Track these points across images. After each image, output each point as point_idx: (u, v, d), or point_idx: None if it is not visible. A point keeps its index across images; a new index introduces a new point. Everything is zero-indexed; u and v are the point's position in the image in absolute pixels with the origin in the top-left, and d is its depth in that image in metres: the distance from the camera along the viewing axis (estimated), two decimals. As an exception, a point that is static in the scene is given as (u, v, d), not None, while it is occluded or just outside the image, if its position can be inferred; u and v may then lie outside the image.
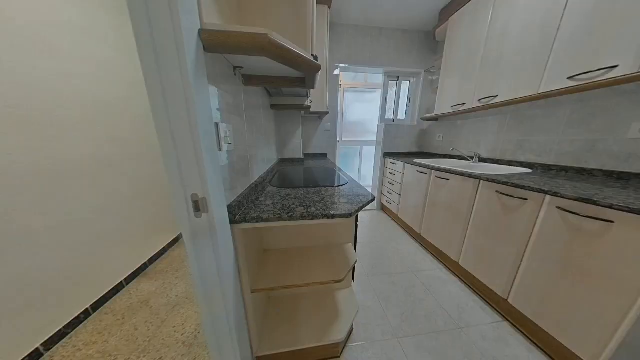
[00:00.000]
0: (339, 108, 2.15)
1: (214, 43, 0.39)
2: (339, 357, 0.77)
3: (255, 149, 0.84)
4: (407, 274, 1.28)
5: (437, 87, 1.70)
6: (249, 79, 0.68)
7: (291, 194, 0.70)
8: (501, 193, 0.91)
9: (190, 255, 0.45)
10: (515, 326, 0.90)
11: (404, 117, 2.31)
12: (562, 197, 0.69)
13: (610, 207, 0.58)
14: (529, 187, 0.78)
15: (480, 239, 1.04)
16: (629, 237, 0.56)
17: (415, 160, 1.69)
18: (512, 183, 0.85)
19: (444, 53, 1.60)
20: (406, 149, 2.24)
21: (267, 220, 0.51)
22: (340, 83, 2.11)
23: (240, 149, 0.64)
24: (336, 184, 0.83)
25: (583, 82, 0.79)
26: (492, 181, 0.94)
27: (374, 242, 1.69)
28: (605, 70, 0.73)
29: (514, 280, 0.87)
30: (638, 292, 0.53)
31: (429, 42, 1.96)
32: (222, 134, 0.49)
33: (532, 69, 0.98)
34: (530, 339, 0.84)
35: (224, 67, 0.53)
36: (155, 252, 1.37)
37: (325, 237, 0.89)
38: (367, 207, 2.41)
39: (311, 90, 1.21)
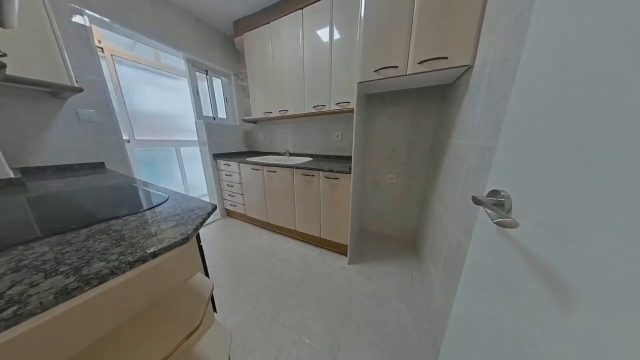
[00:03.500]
0: (111, 87, 1.33)
1: None
2: (223, 410, 0.62)
3: None
4: (267, 261, 1.41)
5: (249, 93, 1.93)
6: None
7: (-1, 266, 0.30)
8: (304, 174, 1.42)
9: None
10: (326, 248, 1.55)
11: (225, 117, 2.25)
12: (323, 170, 1.30)
13: (336, 172, 1.25)
14: (314, 168, 1.34)
15: (302, 206, 1.53)
16: (343, 184, 1.27)
17: (248, 159, 1.81)
18: (307, 167, 1.37)
19: (247, 65, 1.83)
20: (236, 148, 2.26)
21: None
22: (100, 45, 1.29)
23: None
24: (145, 207, 0.55)
25: (319, 110, 1.52)
26: (298, 168, 1.42)
27: (229, 251, 1.53)
28: (321, 106, 1.48)
29: (320, 222, 1.47)
30: (348, 207, 1.26)
31: (231, 47, 2.06)
32: None
33: (299, 96, 1.59)
34: (332, 250, 1.52)
35: None
36: None
37: (153, 288, 0.57)
38: (210, 219, 2.04)
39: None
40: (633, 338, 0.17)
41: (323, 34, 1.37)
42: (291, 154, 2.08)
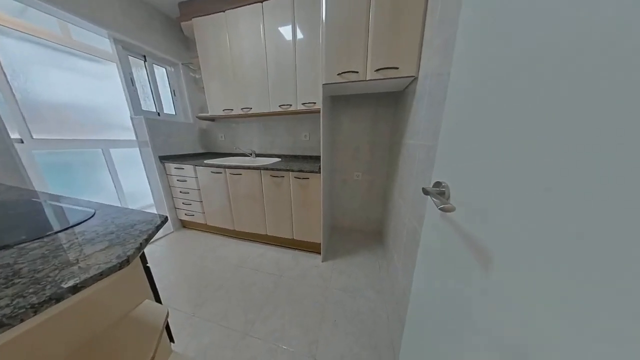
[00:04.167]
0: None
1: None
2: None
3: None
4: (236, 272, 1.30)
5: (204, 87, 1.71)
6: None
7: None
8: (272, 176, 1.37)
9: None
10: (300, 249, 1.54)
11: (174, 113, 1.94)
12: (293, 171, 1.28)
13: (306, 172, 1.25)
14: (283, 169, 1.30)
15: (272, 209, 1.47)
16: (314, 184, 1.28)
17: (206, 161, 1.61)
18: (276, 168, 1.32)
19: (199, 55, 1.62)
20: (190, 150, 1.98)
21: None
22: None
23: None
24: (57, 229, 0.43)
25: (285, 109, 1.48)
26: (267, 169, 1.35)
27: (188, 268, 1.33)
28: (287, 105, 1.46)
29: (292, 223, 1.45)
30: (320, 206, 1.28)
31: (176, 32, 1.78)
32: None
33: (263, 94, 1.52)
34: (305, 250, 1.52)
35: None
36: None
37: (81, 330, 0.44)
38: (159, 233, 1.72)
39: None
40: (527, 285, 0.25)
41: (286, 31, 1.34)
42: (257, 155, 1.97)
